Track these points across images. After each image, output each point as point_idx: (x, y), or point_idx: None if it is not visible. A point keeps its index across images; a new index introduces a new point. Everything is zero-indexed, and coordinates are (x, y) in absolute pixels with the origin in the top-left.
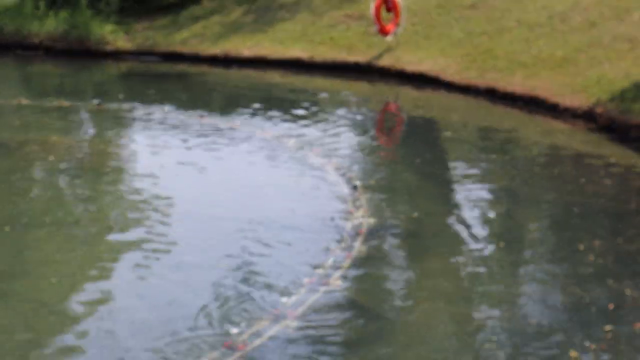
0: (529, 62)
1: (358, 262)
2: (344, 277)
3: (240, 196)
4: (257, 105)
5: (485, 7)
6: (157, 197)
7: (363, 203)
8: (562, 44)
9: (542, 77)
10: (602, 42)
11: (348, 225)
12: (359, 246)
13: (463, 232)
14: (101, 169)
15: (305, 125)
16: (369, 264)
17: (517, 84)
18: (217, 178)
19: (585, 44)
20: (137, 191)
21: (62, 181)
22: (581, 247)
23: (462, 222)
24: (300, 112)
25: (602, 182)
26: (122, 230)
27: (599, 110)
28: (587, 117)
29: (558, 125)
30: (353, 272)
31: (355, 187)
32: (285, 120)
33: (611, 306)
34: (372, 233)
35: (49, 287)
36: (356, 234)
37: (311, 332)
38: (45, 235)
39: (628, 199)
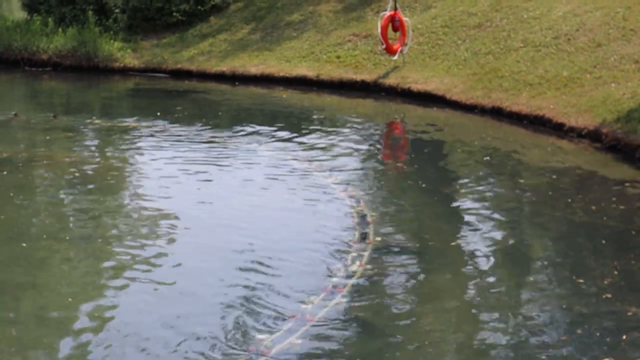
0: (534, 81)
1: (364, 280)
2: (350, 295)
3: (244, 214)
4: (263, 123)
5: (491, 27)
6: (162, 213)
7: (369, 222)
8: (567, 64)
9: (548, 96)
10: (608, 62)
11: (354, 243)
12: (364, 264)
13: (468, 251)
14: (108, 186)
15: (311, 144)
16: (375, 282)
17: (522, 103)
18: (222, 195)
19: (591, 64)
20: (143, 207)
21: (68, 197)
22: (585, 264)
23: (468, 241)
24: (306, 130)
25: (608, 202)
26: (128, 247)
27: (604, 130)
28: (593, 137)
29: (564, 144)
30: (359, 290)
31: (359, 203)
32: (292, 139)
33: (614, 322)
34: (378, 251)
35: (56, 300)
36: (362, 252)
37: (316, 348)
38: (53, 250)
39: (632, 218)
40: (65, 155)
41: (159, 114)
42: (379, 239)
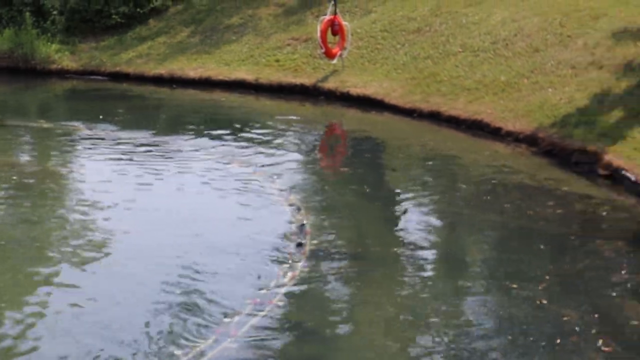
0: (472, 86)
1: (301, 284)
2: (287, 299)
3: (182, 218)
4: (201, 126)
5: (430, 32)
6: (99, 217)
7: (306, 225)
8: (505, 69)
9: (486, 101)
10: (545, 67)
11: (291, 247)
12: (301, 268)
13: (405, 254)
14: (44, 189)
15: (250, 147)
16: (312, 286)
17: (460, 108)
18: (160, 199)
19: (528, 69)
20: (79, 211)
21: (3, 201)
22: (521, 268)
23: (405, 244)
24: (245, 133)
25: (544, 206)
26: (61, 252)
27: (541, 134)
28: (530, 142)
29: (501, 149)
30: (296, 294)
31: (298, 209)
32: (230, 143)
33: (549, 326)
34: (315, 255)
35: None
36: (299, 256)
37: (252, 353)
38: None
39: (569, 222)
40: (1, 158)
41: (97, 116)
42: (316, 242)
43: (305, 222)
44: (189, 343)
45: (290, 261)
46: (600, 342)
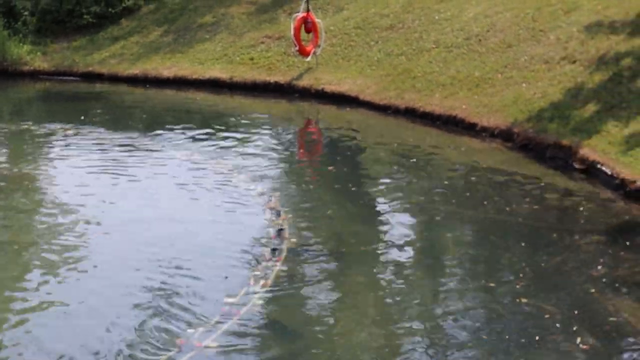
0: (447, 82)
1: (279, 283)
2: (266, 298)
3: (157, 219)
4: (176, 126)
5: (403, 29)
6: (74, 219)
7: (284, 223)
8: (479, 65)
9: (460, 97)
10: (518, 63)
11: (269, 246)
12: (280, 266)
13: (383, 251)
14: (20, 192)
15: (225, 146)
16: (290, 285)
17: (435, 103)
18: (135, 201)
19: (501, 64)
20: (55, 214)
21: None
22: (499, 263)
23: (382, 240)
24: (220, 132)
25: (520, 201)
26: (36, 253)
27: (516, 129)
28: (505, 137)
29: (476, 144)
30: (274, 293)
31: (278, 212)
32: (206, 142)
33: (528, 322)
34: (293, 253)
35: None
36: (277, 254)
37: (233, 351)
38: None
39: (545, 217)
40: None
41: (70, 117)
42: (294, 240)
43: (282, 225)
44: (166, 342)
45: (263, 266)
46: (579, 338)
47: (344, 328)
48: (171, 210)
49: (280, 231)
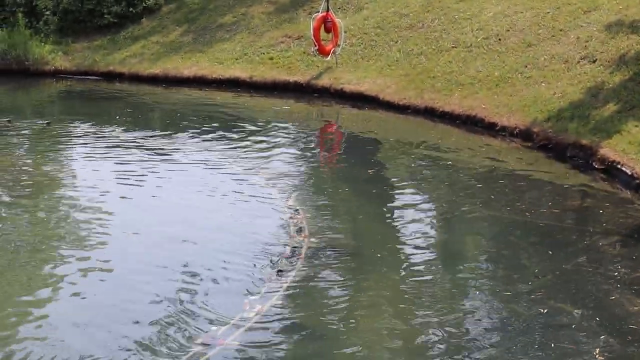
0: (466, 82)
1: (299, 282)
2: (286, 297)
3: (178, 219)
4: (196, 125)
5: (422, 28)
6: (94, 218)
7: (303, 223)
8: (499, 64)
9: (480, 96)
10: (538, 62)
11: (289, 245)
12: (299, 266)
13: (403, 251)
14: (39, 190)
15: (245, 145)
16: (310, 284)
17: (455, 103)
18: (156, 200)
19: (521, 64)
20: (75, 212)
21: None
22: (519, 264)
23: (402, 240)
24: (240, 132)
25: (540, 200)
26: (59, 253)
27: (535, 129)
28: (524, 136)
29: (496, 144)
30: (294, 292)
31: (296, 210)
32: (225, 141)
33: (547, 323)
34: (313, 253)
35: None
36: (297, 253)
37: (253, 351)
38: None
39: (564, 217)
40: None
41: (91, 117)
42: (314, 240)
43: (301, 215)
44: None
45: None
46: (598, 339)
47: (364, 327)
48: (190, 210)
49: (300, 230)
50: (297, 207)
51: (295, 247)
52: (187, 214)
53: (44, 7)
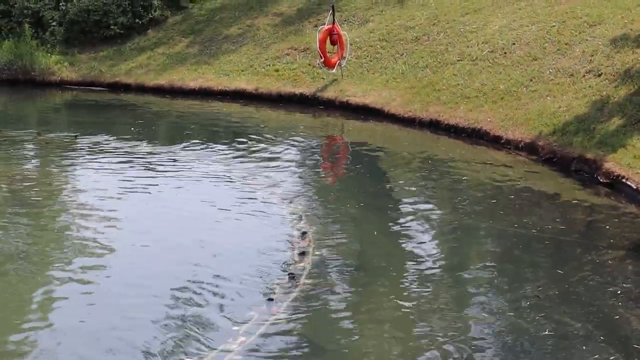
0: (472, 95)
1: (304, 295)
2: (290, 310)
3: (183, 230)
4: (202, 136)
5: (428, 41)
6: (101, 227)
7: (308, 235)
8: (504, 78)
9: (485, 109)
10: (543, 76)
11: (293, 258)
12: (304, 279)
13: (408, 266)
14: (44, 200)
15: (251, 157)
16: (315, 297)
17: (460, 116)
18: (161, 210)
19: (527, 77)
20: (81, 221)
21: (4, 212)
22: (523, 278)
23: (407, 255)
24: (246, 143)
25: (544, 214)
26: (65, 262)
27: (540, 142)
28: (530, 150)
29: (501, 157)
30: (299, 305)
31: (300, 218)
32: (231, 152)
33: (552, 337)
34: (318, 266)
35: None
36: (302, 267)
37: None
38: None
39: (569, 231)
40: (1, 170)
41: (96, 127)
42: (318, 253)
43: (306, 228)
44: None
45: (294, 270)
46: (603, 353)
47: (369, 341)
48: (194, 222)
49: (303, 233)
50: (302, 219)
51: (300, 257)
52: (189, 226)
53: (51, 18)
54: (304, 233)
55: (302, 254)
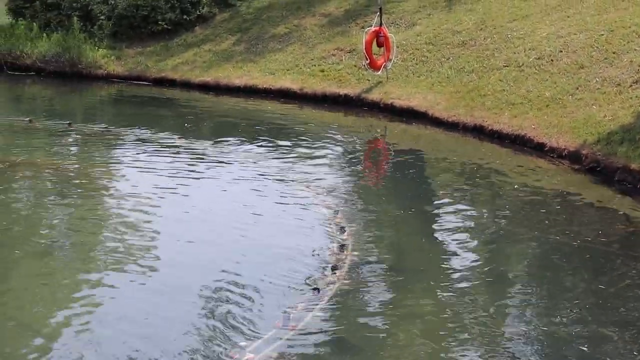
0: (517, 101)
1: (341, 296)
2: (327, 311)
3: (222, 228)
4: (245, 134)
5: (475, 46)
6: (140, 224)
7: (347, 236)
8: (550, 85)
9: (530, 116)
10: (590, 84)
11: (332, 258)
12: (341, 280)
13: (447, 268)
14: (87, 192)
15: (293, 157)
16: (352, 298)
17: (504, 122)
18: (202, 207)
19: (573, 85)
20: (121, 216)
21: (49, 204)
22: (563, 287)
23: (445, 259)
24: (288, 143)
25: (585, 223)
26: (100, 258)
27: (584, 151)
28: (573, 158)
29: (544, 165)
30: (336, 306)
31: (342, 227)
32: (273, 151)
33: (588, 348)
34: (356, 267)
35: (31, 308)
36: (340, 267)
37: None
38: (30, 257)
39: (610, 241)
40: (46, 161)
41: (142, 122)
42: (356, 254)
43: (345, 229)
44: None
45: (332, 270)
46: None
47: (403, 344)
48: (234, 220)
49: (342, 231)
50: (341, 219)
51: (338, 261)
52: (231, 223)
53: (99, 11)
54: (343, 245)
55: (342, 246)
